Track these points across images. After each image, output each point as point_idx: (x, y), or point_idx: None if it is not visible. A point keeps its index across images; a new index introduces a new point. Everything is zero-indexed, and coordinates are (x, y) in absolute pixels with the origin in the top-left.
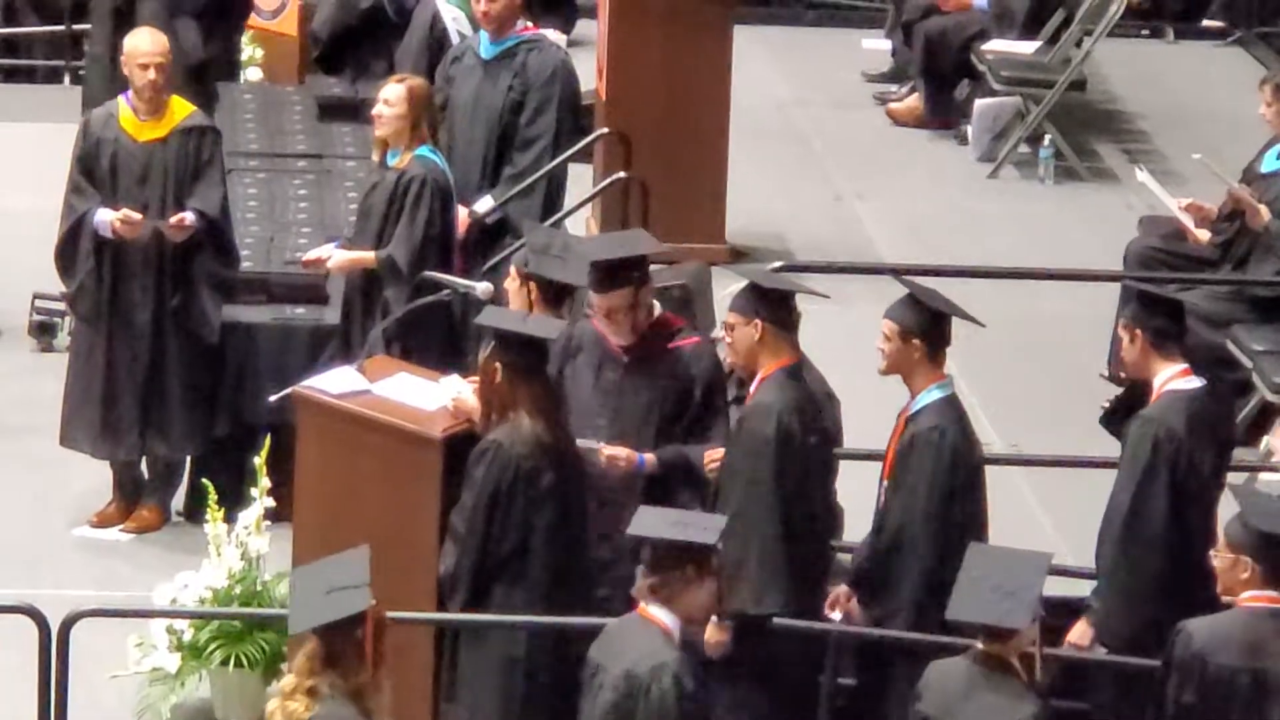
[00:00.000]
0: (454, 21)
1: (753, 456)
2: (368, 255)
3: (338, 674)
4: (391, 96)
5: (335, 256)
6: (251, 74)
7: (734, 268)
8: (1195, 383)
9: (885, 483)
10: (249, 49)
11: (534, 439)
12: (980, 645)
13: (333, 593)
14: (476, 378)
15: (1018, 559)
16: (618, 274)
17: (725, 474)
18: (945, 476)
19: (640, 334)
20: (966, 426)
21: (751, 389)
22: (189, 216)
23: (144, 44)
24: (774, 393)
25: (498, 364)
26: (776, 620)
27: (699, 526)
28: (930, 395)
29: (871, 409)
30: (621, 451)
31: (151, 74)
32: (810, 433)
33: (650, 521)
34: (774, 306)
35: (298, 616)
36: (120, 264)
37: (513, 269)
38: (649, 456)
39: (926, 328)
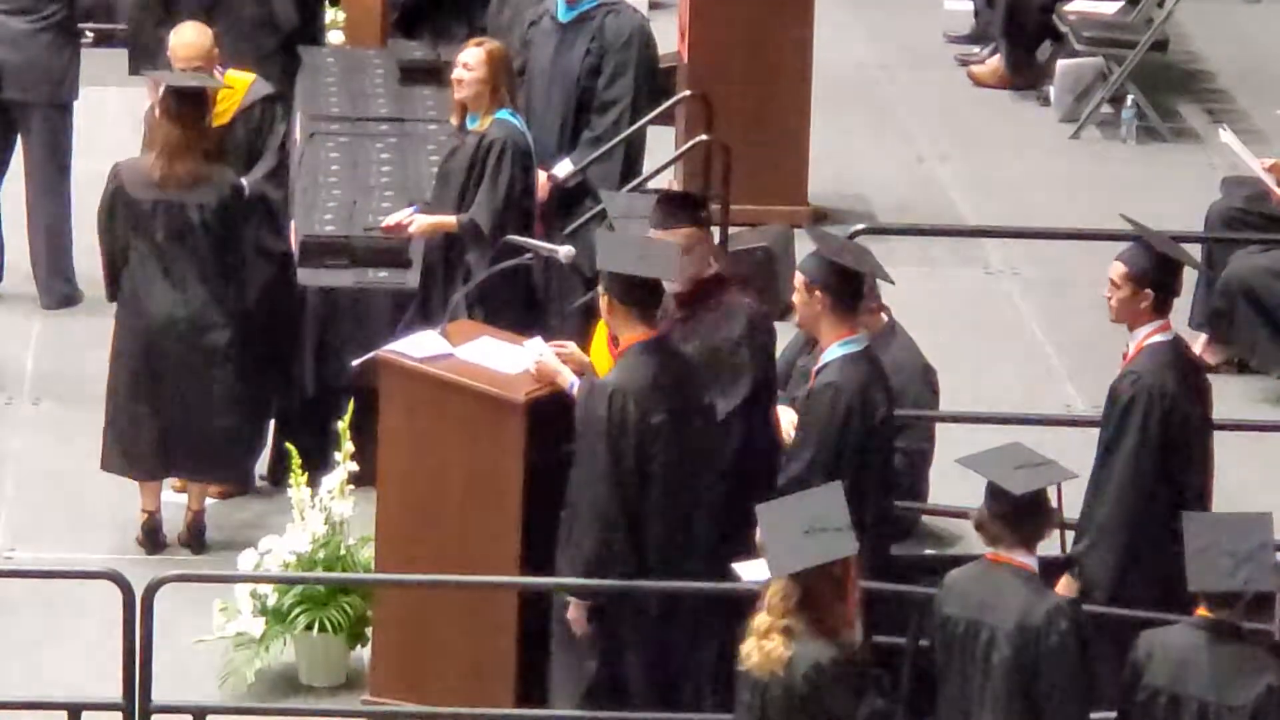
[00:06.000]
0: None
1: (586, 438)
2: (449, 219)
3: (815, 613)
4: (470, 60)
5: (417, 221)
6: (333, 37)
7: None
8: (1170, 334)
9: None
10: (331, 12)
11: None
12: (1202, 612)
13: (813, 534)
14: (559, 341)
15: (1238, 523)
16: (682, 210)
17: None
18: (836, 435)
19: (695, 285)
20: (869, 385)
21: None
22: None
23: (179, 48)
24: (625, 371)
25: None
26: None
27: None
28: (835, 352)
29: (956, 370)
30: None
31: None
32: (654, 413)
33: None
34: (623, 286)
35: (779, 561)
36: None
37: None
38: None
39: (830, 281)
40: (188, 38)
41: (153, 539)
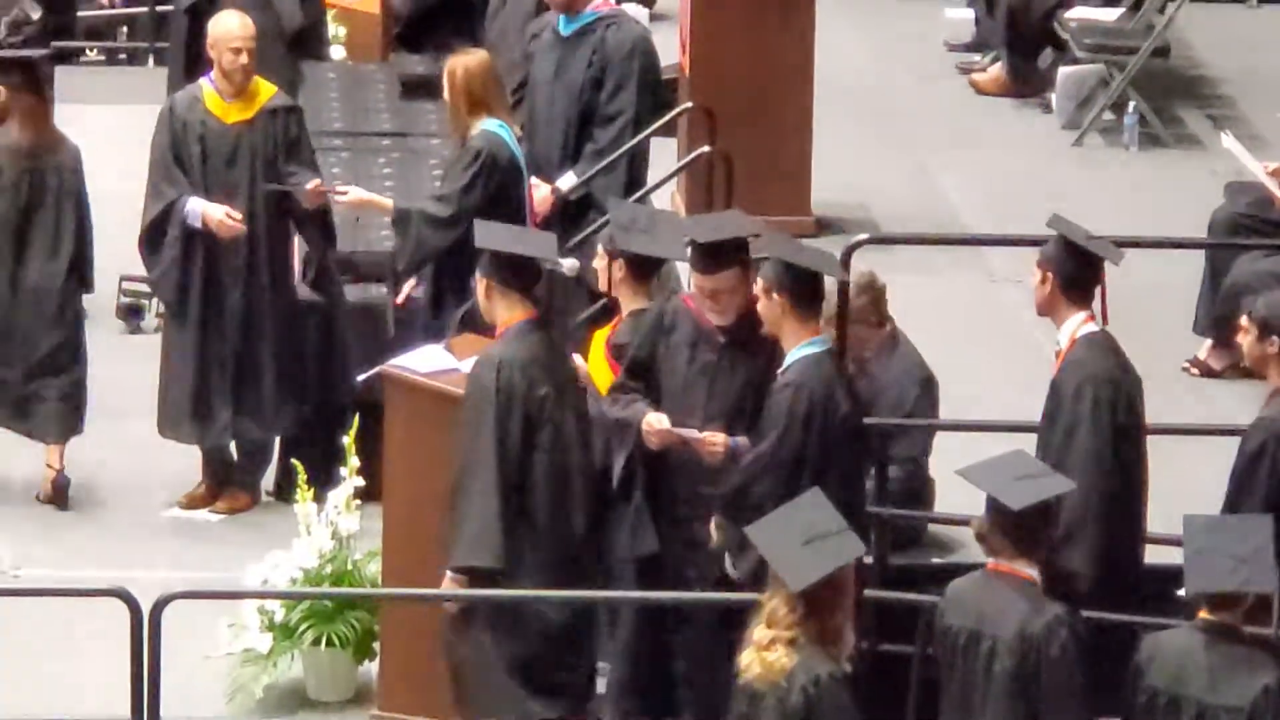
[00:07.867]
0: None
1: (474, 409)
2: (385, 201)
3: (818, 622)
4: (444, 79)
5: (352, 192)
6: (334, 52)
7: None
8: (1098, 326)
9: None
10: (332, 27)
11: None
12: (1203, 614)
13: (814, 543)
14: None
15: (1238, 525)
16: (726, 255)
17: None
18: (799, 431)
19: (740, 318)
20: (832, 384)
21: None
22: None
23: (235, 28)
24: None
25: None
26: (871, 594)
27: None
28: (797, 354)
29: (959, 379)
30: (719, 437)
31: (244, 58)
32: (538, 385)
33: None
34: (503, 272)
35: (795, 575)
36: (211, 249)
37: (600, 248)
38: (742, 440)
39: (788, 283)
40: (236, 21)
41: (60, 496)
